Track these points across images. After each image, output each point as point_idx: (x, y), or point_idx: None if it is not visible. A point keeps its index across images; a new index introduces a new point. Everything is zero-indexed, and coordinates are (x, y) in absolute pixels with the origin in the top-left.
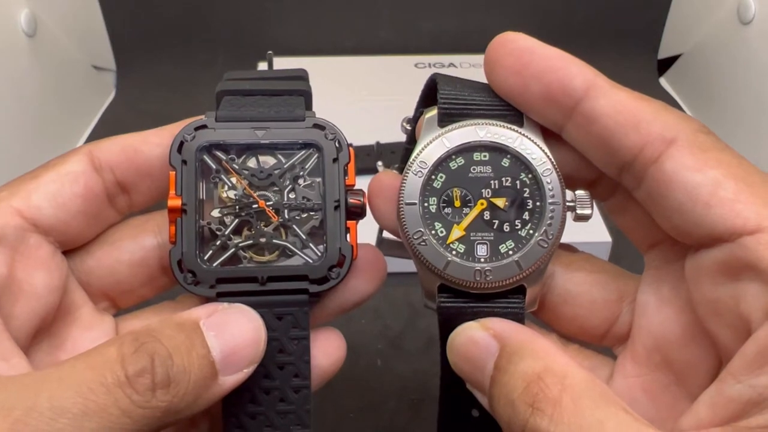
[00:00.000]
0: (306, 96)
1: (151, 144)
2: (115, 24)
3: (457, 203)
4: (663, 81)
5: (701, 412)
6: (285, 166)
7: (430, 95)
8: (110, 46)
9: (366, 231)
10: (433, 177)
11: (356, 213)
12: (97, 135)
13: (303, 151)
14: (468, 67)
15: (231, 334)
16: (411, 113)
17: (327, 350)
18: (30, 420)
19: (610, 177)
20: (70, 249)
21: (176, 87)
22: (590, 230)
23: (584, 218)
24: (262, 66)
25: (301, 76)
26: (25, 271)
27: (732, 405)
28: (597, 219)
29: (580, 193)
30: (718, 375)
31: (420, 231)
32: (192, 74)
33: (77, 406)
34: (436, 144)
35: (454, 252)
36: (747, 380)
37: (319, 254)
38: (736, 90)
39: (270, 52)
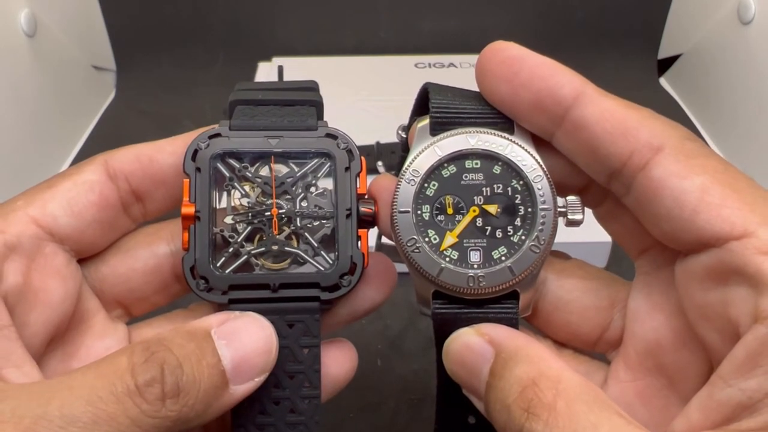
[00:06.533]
0: (318, 106)
1: (165, 153)
2: (115, 24)
3: (450, 210)
4: (663, 81)
5: (692, 415)
6: (297, 175)
7: (422, 104)
8: (110, 46)
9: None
10: (425, 185)
11: (367, 221)
12: (96, 135)
13: (315, 160)
14: (468, 67)
15: (242, 343)
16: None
17: (339, 360)
18: (40, 428)
19: (599, 184)
20: (85, 257)
21: (176, 87)
22: (590, 230)
23: (576, 223)
24: (263, 65)
25: (312, 87)
26: (41, 279)
27: (722, 408)
28: None
29: (571, 198)
30: (709, 378)
31: (413, 238)
32: (192, 74)
33: (87, 415)
34: (428, 152)
35: (447, 259)
36: (737, 384)
37: (331, 262)
38: (736, 90)
39: (280, 64)
